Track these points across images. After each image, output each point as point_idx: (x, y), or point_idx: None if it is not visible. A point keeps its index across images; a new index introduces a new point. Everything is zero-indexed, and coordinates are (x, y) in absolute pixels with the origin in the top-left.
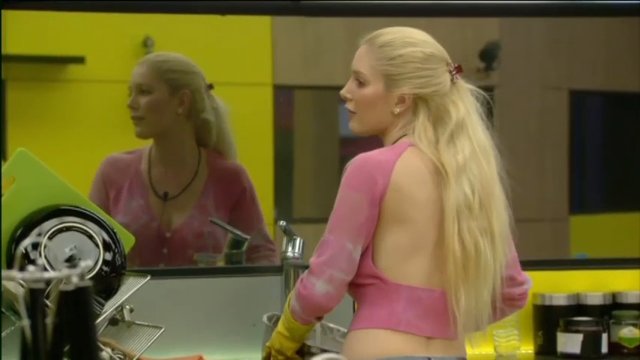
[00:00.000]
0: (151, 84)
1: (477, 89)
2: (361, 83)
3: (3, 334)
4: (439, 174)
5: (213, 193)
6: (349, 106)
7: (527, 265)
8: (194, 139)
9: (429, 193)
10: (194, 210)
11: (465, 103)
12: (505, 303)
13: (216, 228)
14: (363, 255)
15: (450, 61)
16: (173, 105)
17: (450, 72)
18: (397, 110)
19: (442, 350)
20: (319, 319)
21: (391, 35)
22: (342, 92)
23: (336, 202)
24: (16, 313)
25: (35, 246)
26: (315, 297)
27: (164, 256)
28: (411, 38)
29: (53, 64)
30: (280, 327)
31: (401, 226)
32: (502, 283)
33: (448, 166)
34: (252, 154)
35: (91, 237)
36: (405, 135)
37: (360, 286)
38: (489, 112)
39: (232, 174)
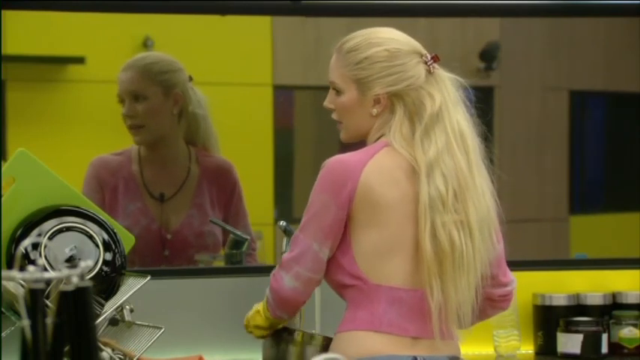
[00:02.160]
0: (145, 89)
1: (458, 78)
2: (338, 92)
3: (3, 334)
4: (415, 172)
5: (207, 191)
6: (334, 116)
7: (528, 265)
8: (183, 137)
9: (404, 192)
10: (192, 209)
11: (442, 93)
12: (486, 303)
13: (216, 226)
14: (345, 255)
15: (424, 52)
16: (169, 106)
17: (426, 62)
18: (375, 112)
19: (430, 349)
20: (292, 315)
21: (356, 39)
22: (325, 104)
23: (308, 204)
24: (17, 313)
25: (35, 246)
26: (283, 291)
27: (166, 257)
28: (376, 38)
29: (53, 65)
30: (261, 307)
31: (375, 226)
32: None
33: (421, 161)
34: (252, 154)
35: (91, 237)
36: (382, 135)
37: (345, 287)
38: (489, 111)
39: (223, 170)
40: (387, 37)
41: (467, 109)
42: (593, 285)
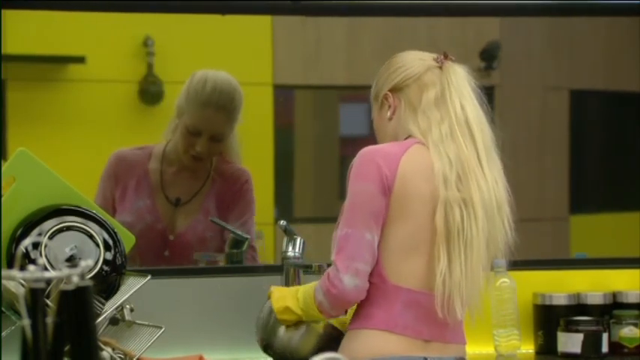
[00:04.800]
0: (226, 132)
1: (468, 70)
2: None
3: (3, 333)
4: None
5: (216, 196)
6: None
7: (528, 264)
8: None
9: (431, 189)
10: (199, 214)
11: (443, 81)
12: None
13: (220, 232)
14: None
15: (435, 56)
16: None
17: (435, 60)
18: (388, 114)
19: (440, 351)
20: (346, 311)
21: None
22: None
23: (349, 196)
24: (17, 312)
25: (36, 245)
26: (346, 293)
27: (166, 258)
28: (388, 61)
29: (53, 64)
30: (299, 302)
31: (404, 221)
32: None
33: (428, 141)
34: (253, 154)
35: (91, 237)
36: (409, 137)
37: None
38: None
39: (234, 177)
40: (398, 54)
41: (477, 96)
42: (593, 284)
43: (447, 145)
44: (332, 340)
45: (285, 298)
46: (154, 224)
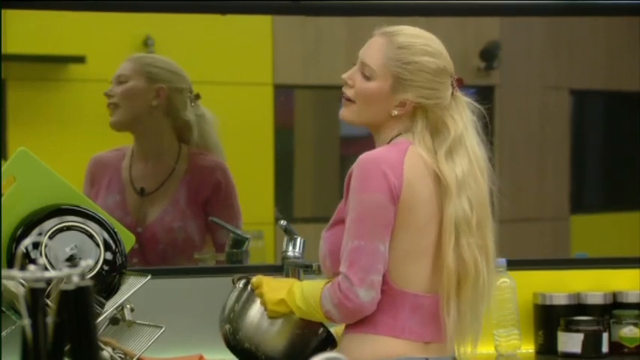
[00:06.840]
0: (129, 74)
1: (474, 103)
2: (366, 76)
3: (3, 333)
4: (439, 180)
5: (187, 188)
6: (349, 92)
7: (528, 264)
8: (175, 136)
9: (432, 194)
10: (168, 205)
11: (463, 118)
12: None
13: (189, 223)
14: None
15: (452, 72)
16: (148, 96)
17: (452, 84)
18: (395, 112)
19: (438, 352)
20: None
21: (412, 39)
22: (345, 76)
23: (356, 206)
24: (17, 312)
25: (36, 245)
26: (364, 307)
27: (135, 251)
28: (430, 47)
29: (54, 64)
30: (295, 298)
31: (410, 227)
32: None
33: (449, 178)
34: (253, 154)
35: (91, 236)
36: (399, 135)
37: None
38: (489, 113)
39: (208, 169)
40: (439, 51)
41: (478, 134)
42: (593, 284)
43: (469, 184)
44: (303, 337)
45: (280, 290)
46: (122, 218)
